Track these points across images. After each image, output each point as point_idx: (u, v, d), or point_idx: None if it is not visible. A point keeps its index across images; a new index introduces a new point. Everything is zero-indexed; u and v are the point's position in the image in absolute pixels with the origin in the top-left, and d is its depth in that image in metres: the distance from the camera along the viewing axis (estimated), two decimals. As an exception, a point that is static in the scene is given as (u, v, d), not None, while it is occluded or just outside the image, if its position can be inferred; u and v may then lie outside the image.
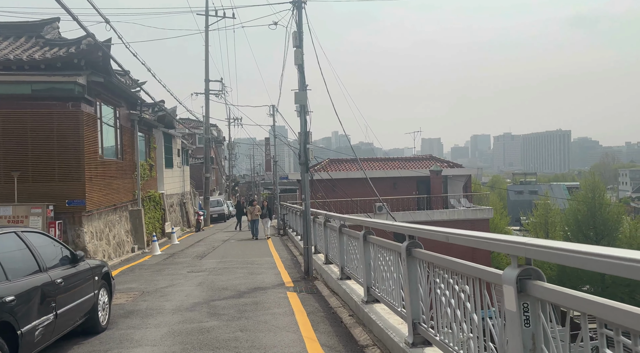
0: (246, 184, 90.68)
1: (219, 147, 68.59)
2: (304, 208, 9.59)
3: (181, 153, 27.81)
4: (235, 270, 10.29)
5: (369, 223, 5.78)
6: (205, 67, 28.74)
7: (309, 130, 9.36)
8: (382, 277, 5.28)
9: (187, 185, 30.09)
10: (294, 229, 17.91)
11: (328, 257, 9.16)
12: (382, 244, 5.09)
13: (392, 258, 4.83)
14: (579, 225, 39.13)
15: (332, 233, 8.56)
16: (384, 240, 4.98)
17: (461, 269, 3.16)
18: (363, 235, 5.87)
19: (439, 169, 24.98)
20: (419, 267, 4.09)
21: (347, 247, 7.21)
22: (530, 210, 67.23)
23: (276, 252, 13.69)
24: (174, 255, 13.95)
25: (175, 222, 23.92)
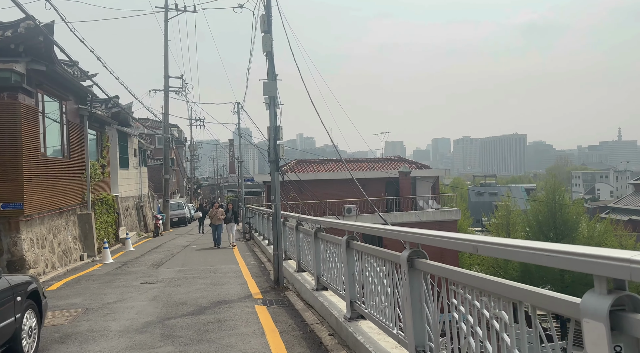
0: (209, 187, 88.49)
1: (180, 148, 66.32)
2: (273, 210, 8.70)
3: (138, 153, 26.17)
4: (196, 281, 9.24)
5: (353, 227, 4.96)
6: (164, 62, 27.24)
7: (280, 124, 8.48)
8: (370, 291, 4.47)
9: (145, 188, 28.41)
10: (260, 233, 16.92)
11: (300, 264, 8.30)
12: (373, 253, 4.29)
13: (385, 270, 4.03)
14: (539, 226, 40.07)
15: (306, 238, 7.71)
16: (376, 248, 4.18)
17: (495, 289, 2.39)
18: (346, 242, 5.06)
19: (408, 170, 24.62)
20: (424, 283, 3.31)
21: (325, 255, 6.38)
22: (491, 212, 68.74)
23: (242, 259, 12.68)
24: (128, 263, 12.67)
25: (131, 227, 22.34)
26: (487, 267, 36.74)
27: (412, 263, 3.35)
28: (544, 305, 2.00)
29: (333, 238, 5.81)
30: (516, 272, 34.53)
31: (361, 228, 4.59)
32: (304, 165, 26.53)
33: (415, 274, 3.35)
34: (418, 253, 3.38)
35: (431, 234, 3.11)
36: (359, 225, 4.70)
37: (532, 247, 2.07)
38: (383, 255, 4.02)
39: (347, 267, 5.06)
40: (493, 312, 2.41)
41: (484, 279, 2.50)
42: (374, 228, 4.15)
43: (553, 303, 1.93)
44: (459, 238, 2.66)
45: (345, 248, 5.06)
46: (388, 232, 3.83)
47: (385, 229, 3.88)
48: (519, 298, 2.18)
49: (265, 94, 8.32)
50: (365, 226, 4.48)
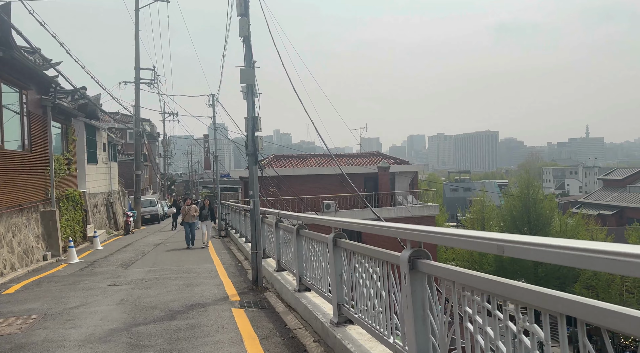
0: (183, 183, 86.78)
1: (152, 143, 64.61)
2: (251, 206, 8.17)
3: (108, 147, 25.08)
4: (167, 282, 8.64)
5: (342, 224, 4.52)
6: (135, 52, 26.15)
7: (258, 114, 7.95)
8: (361, 294, 4.05)
9: (115, 183, 27.30)
10: (237, 230, 16.33)
11: (280, 263, 7.82)
12: (366, 252, 3.85)
13: (380, 272, 3.61)
14: (514, 221, 40.75)
15: (287, 235, 7.24)
16: (369, 247, 3.75)
17: (526, 298, 1.98)
18: (333, 240, 4.61)
19: (387, 166, 24.38)
20: (428, 287, 2.90)
21: (308, 253, 5.93)
22: (465, 207, 69.72)
23: (217, 257, 12.10)
24: (95, 263, 11.91)
25: (100, 225, 21.36)
26: (462, 262, 37.11)
27: (414, 265, 2.93)
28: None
29: (318, 236, 5.36)
30: (491, 267, 35.02)
31: (351, 225, 4.15)
32: (282, 161, 25.97)
33: (417, 277, 2.94)
34: (420, 253, 2.97)
35: (442, 232, 2.69)
36: (349, 222, 4.26)
37: (582, 248, 1.66)
38: (378, 255, 3.59)
39: (334, 267, 4.62)
40: (521, 325, 2.04)
41: (509, 285, 2.10)
42: (368, 225, 3.70)
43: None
44: (481, 237, 2.24)
45: (332, 247, 4.62)
46: (385, 229, 3.40)
47: (382, 226, 3.45)
48: (564, 311, 1.77)
49: (242, 81, 7.78)
50: (356, 223, 4.04)
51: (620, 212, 51.41)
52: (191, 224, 14.61)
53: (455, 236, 2.49)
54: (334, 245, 4.62)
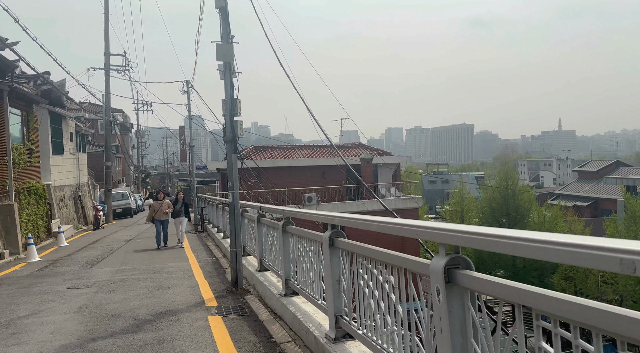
0: (159, 176, 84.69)
1: (125, 134, 62.46)
2: (230, 199, 7.32)
3: (75, 137, 23.65)
4: (136, 284, 7.73)
5: (342, 220, 3.75)
6: (104, 37, 24.67)
7: (237, 97, 7.08)
8: (367, 305, 3.31)
9: (85, 176, 25.89)
10: (214, 225, 15.42)
11: (263, 262, 7.02)
12: (374, 255, 3.10)
13: (394, 281, 2.86)
14: (492, 213, 40.94)
15: (271, 232, 6.45)
16: (383, 250, 2.99)
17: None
18: (329, 239, 3.85)
19: (370, 157, 23.73)
20: (471, 307, 2.17)
21: (296, 254, 5.16)
22: (443, 199, 70.11)
23: (193, 254, 11.20)
24: (57, 262, 10.85)
25: (67, 219, 20.07)
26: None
27: (454, 278, 2.19)
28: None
29: (309, 233, 4.59)
30: (470, 258, 35.03)
31: (358, 222, 3.37)
32: (261, 152, 25.02)
33: (456, 292, 2.20)
34: (458, 262, 2.23)
35: (492, 234, 1.94)
36: (354, 219, 3.48)
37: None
38: (392, 260, 2.84)
39: (331, 271, 3.86)
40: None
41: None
42: (381, 223, 2.94)
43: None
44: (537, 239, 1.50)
45: (328, 248, 3.85)
46: (405, 228, 2.64)
47: (400, 225, 2.69)
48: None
49: (219, 59, 6.89)
50: (364, 220, 3.26)
51: (595, 203, 52.39)
52: (163, 222, 12.73)
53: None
54: (330, 245, 3.85)
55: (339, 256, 3.81)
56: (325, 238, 3.89)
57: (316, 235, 4.36)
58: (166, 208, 12.78)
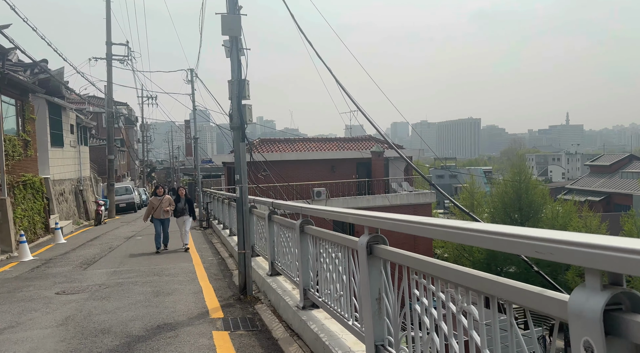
0: (164, 170, 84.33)
1: (130, 128, 61.91)
2: (238, 194, 6.45)
3: (77, 130, 22.91)
4: (132, 289, 6.91)
5: (394, 223, 2.84)
6: (106, 26, 23.83)
7: (245, 77, 6.20)
8: (430, 341, 2.42)
9: (87, 169, 25.18)
10: (220, 221, 14.60)
11: (275, 265, 6.17)
12: (438, 273, 2.20)
13: (464, 301, 1.97)
14: (505, 208, 39.89)
15: (285, 232, 5.58)
16: (442, 263, 2.10)
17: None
18: (366, 245, 2.96)
19: (381, 150, 22.79)
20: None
21: (318, 260, 4.29)
22: (451, 193, 69.13)
23: (197, 254, 10.38)
24: (50, 261, 10.07)
25: (67, 215, 19.36)
26: (452, 249, 36.12)
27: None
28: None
29: (336, 237, 3.71)
30: (481, 255, 34.07)
31: (407, 225, 2.46)
32: (268, 145, 24.15)
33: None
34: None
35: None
36: (406, 222, 2.57)
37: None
38: (460, 280, 1.94)
39: (369, 287, 2.98)
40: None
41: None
42: (492, 233, 1.96)
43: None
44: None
45: (366, 257, 2.97)
46: (473, 236, 1.73)
47: (504, 234, 1.78)
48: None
49: (224, 32, 6.00)
50: (418, 223, 2.36)
51: (608, 198, 51.20)
52: (163, 221, 11.03)
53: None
54: (368, 253, 2.97)
55: (379, 268, 2.93)
56: (361, 245, 3.00)
57: (346, 239, 3.48)
58: (167, 206, 11.02)
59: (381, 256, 2.89)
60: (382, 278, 2.90)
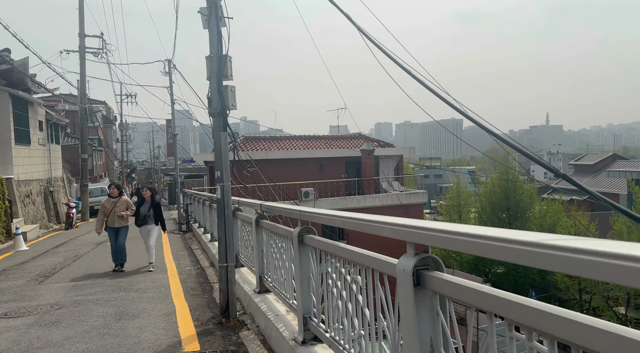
0: (145, 171, 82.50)
1: (109, 127, 59.91)
2: (218, 195, 5.34)
3: (47, 127, 21.38)
4: (90, 310, 5.74)
5: (446, 237, 1.81)
6: (79, 17, 22.34)
7: (227, 52, 5.10)
8: None
9: (58, 169, 23.63)
10: (200, 224, 13.42)
11: (264, 281, 5.09)
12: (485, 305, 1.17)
13: None
14: (493, 207, 39.45)
15: (277, 241, 4.51)
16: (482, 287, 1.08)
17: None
18: (413, 270, 1.90)
19: (371, 148, 21.82)
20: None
21: (325, 282, 3.22)
22: (436, 193, 68.84)
23: (173, 262, 9.20)
24: (2, 273, 8.77)
25: (35, 218, 17.87)
26: (439, 249, 35.47)
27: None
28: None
29: (356, 254, 2.64)
30: (470, 256, 33.52)
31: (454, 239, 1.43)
32: (253, 143, 22.97)
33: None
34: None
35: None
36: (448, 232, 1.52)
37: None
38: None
39: (416, 330, 1.92)
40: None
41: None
42: None
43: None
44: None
45: (412, 289, 1.90)
46: None
47: None
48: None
49: (201, -3, 4.90)
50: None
51: (593, 197, 51.29)
52: (118, 230, 8.51)
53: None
54: (416, 284, 1.91)
55: (429, 304, 1.88)
56: (404, 272, 1.94)
57: (375, 259, 2.41)
58: (123, 210, 8.49)
59: (435, 288, 1.85)
60: (439, 320, 1.86)
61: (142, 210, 8.70)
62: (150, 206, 8.73)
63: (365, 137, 24.72)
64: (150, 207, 8.71)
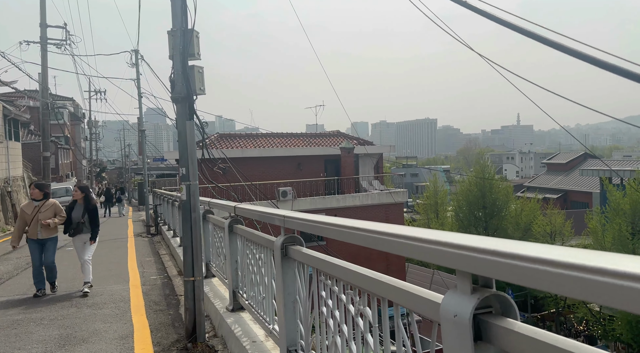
0: (116, 170, 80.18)
1: (77, 124, 57.63)
2: (183, 195, 4.52)
3: (3, 122, 19.94)
4: (31, 333, 4.83)
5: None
6: (40, 5, 20.94)
7: (194, 26, 4.30)
8: None
9: (18, 168, 22.13)
10: (170, 227, 12.47)
11: (238, 296, 4.31)
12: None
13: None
14: (469, 206, 39.54)
15: (254, 251, 3.75)
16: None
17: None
18: (472, 323, 1.19)
19: (351, 146, 21.19)
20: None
21: (320, 310, 2.47)
22: (412, 192, 69.08)
23: (137, 270, 8.28)
24: (-62, 286, 7.68)
25: (-12, 221, 16.50)
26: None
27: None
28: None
29: (362, 278, 1.91)
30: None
31: None
32: (228, 140, 22.00)
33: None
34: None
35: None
36: None
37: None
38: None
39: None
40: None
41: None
42: None
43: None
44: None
45: (471, 345, 1.19)
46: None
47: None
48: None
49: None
50: None
51: (565, 195, 52.39)
52: (44, 243, 6.76)
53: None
54: (476, 338, 1.19)
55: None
56: (460, 319, 1.23)
57: (405, 291, 1.68)
58: (49, 216, 6.65)
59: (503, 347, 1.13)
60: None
61: (75, 215, 6.79)
62: (85, 210, 6.82)
63: (345, 135, 24.09)
64: (85, 212, 6.82)
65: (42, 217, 6.64)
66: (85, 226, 6.83)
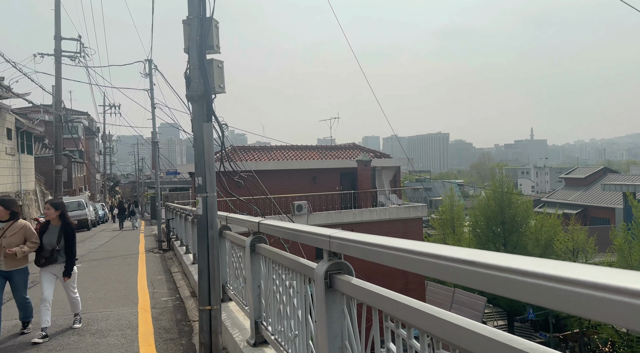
0: (130, 184, 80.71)
1: (91, 139, 58.05)
2: (199, 209, 3.92)
3: (16, 135, 19.73)
4: (23, 367, 4.23)
5: None
6: (55, 18, 20.92)
7: (212, 14, 3.76)
8: None
9: (31, 182, 21.88)
10: (182, 242, 11.89)
11: (262, 328, 3.66)
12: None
13: None
14: (487, 221, 38.46)
15: (283, 277, 3.10)
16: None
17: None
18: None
19: (368, 159, 20.55)
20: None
21: None
22: (428, 207, 68.02)
23: (147, 290, 7.67)
24: None
25: (-2, 235, 16.11)
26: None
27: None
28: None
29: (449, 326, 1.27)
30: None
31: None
32: (242, 153, 21.54)
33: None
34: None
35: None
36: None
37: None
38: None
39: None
40: None
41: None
42: None
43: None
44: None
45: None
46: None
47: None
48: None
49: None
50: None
51: (584, 211, 50.98)
52: (10, 276, 5.22)
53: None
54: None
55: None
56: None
57: None
58: (17, 243, 5.15)
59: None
60: None
61: (46, 241, 5.27)
62: (60, 234, 5.31)
63: (360, 148, 23.48)
64: (60, 236, 5.30)
65: (6, 243, 5.05)
66: (59, 254, 5.29)
